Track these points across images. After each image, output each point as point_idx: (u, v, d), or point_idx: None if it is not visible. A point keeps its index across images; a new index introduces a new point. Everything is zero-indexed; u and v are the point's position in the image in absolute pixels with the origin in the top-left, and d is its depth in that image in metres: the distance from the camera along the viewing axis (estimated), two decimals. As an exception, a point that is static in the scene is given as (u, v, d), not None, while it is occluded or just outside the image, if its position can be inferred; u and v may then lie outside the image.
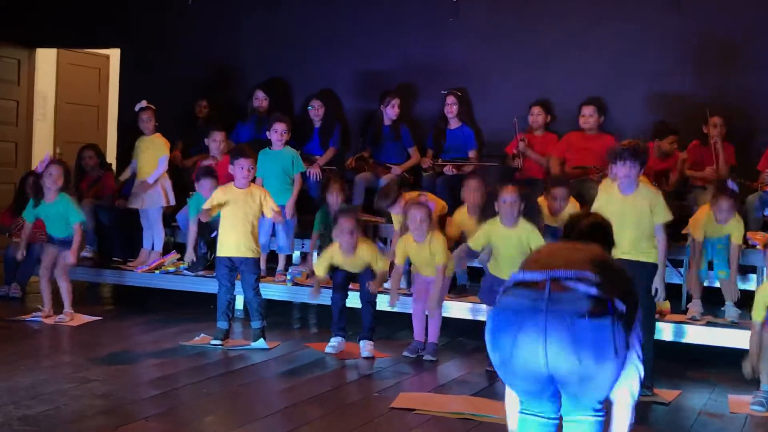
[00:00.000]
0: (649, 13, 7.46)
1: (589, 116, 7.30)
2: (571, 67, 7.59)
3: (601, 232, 3.48)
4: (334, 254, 5.72)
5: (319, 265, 5.79)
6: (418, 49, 8.11)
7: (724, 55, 7.27)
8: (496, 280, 5.33)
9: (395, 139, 7.80)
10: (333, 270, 5.84)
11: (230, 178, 7.56)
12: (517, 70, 7.78)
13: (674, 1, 7.33)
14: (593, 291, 2.93)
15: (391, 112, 7.75)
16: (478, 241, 5.51)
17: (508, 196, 5.38)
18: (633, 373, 3.19)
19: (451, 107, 7.65)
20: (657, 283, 5.06)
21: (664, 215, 5.01)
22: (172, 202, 7.43)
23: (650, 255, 5.02)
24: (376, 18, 8.32)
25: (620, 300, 2.98)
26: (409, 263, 5.92)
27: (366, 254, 5.71)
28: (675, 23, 7.39)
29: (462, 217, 6.37)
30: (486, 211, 5.68)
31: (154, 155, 7.42)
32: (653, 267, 5.08)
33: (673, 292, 6.24)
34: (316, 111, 8.00)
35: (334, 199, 6.72)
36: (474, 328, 6.00)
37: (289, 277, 6.82)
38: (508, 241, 5.40)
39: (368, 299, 5.78)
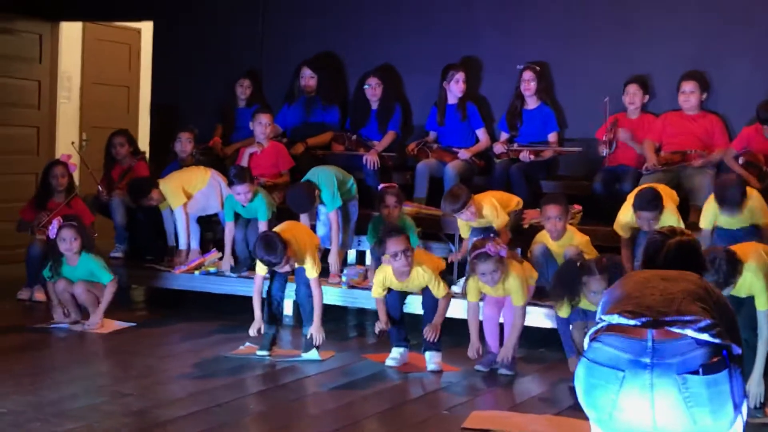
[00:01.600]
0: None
1: (690, 93, 7.17)
2: (669, 36, 7.46)
3: (692, 254, 3.35)
4: (387, 276, 5.74)
5: (375, 289, 5.82)
6: (489, 16, 8.04)
7: None
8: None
9: (461, 120, 7.77)
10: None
11: (277, 168, 7.65)
12: (606, 41, 7.67)
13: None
14: (706, 337, 2.83)
15: (455, 88, 7.72)
16: (566, 311, 5.45)
17: (595, 286, 5.23)
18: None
19: (529, 84, 7.59)
20: (752, 386, 4.85)
21: (766, 301, 4.91)
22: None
23: None
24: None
25: (734, 341, 2.88)
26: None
27: (423, 278, 5.71)
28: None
29: (544, 239, 6.34)
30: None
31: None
32: None
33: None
34: (373, 90, 8.00)
35: (388, 212, 6.71)
36: (556, 338, 5.94)
37: (344, 279, 6.83)
38: None
39: (431, 306, 5.76)
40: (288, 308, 6.75)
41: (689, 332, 2.83)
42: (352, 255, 7.69)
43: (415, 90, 8.27)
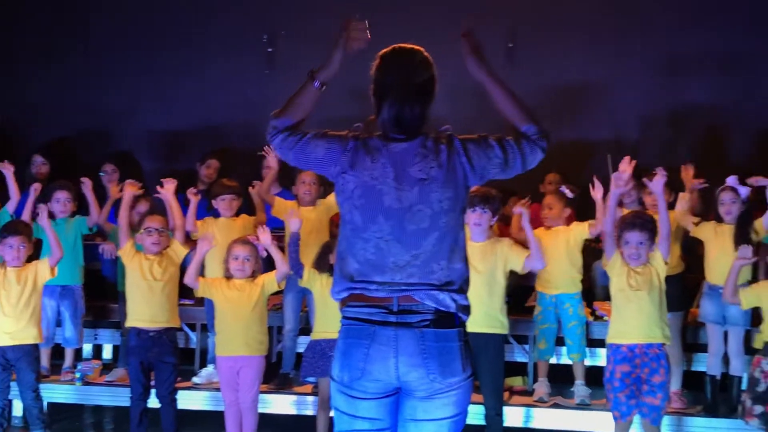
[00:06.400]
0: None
1: None
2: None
3: None
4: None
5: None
6: (229, 103, 8.21)
7: None
8: (327, 343, 5.45)
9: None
10: (128, 359, 5.83)
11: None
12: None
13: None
14: (443, 305, 3.03)
15: (205, 173, 7.76)
16: None
17: None
18: None
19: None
20: None
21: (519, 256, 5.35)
22: None
23: (499, 325, 5.34)
24: (178, 66, 8.42)
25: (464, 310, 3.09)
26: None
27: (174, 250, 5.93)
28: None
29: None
30: None
31: None
32: (501, 339, 5.44)
33: (519, 371, 6.52)
34: (109, 177, 7.89)
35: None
36: (301, 425, 6.02)
37: (78, 375, 6.65)
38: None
39: (168, 397, 5.72)
40: (17, 410, 6.46)
41: (429, 303, 3.02)
42: (88, 349, 7.48)
43: (154, 176, 8.23)
